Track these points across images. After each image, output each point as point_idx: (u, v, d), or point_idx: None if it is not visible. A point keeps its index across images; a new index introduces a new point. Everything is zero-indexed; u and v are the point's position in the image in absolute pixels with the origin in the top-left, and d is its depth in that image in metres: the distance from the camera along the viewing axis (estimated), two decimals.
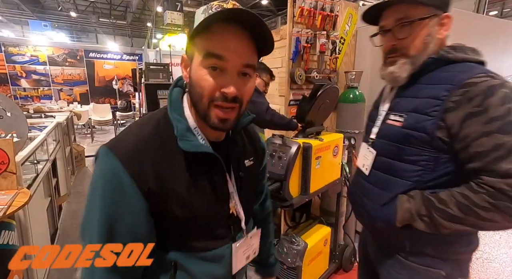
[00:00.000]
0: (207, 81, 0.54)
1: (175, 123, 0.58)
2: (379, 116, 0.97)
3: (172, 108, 0.61)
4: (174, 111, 0.61)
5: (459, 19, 2.49)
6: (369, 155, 0.94)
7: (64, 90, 9.26)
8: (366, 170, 0.95)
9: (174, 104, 0.62)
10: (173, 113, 0.60)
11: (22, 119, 2.94)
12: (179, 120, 0.59)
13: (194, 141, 0.59)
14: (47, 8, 12.20)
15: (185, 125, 0.59)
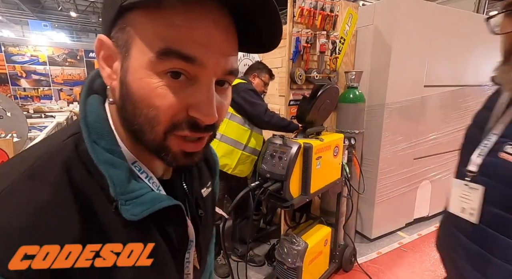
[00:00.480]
0: (164, 99, 0.32)
1: (105, 171, 0.34)
2: (486, 142, 0.63)
3: (95, 136, 0.35)
4: (100, 140, 0.35)
5: (459, 19, 2.50)
6: (472, 194, 0.63)
7: (64, 90, 9.27)
8: (471, 217, 0.62)
9: (97, 129, 0.36)
10: (97, 149, 0.35)
11: (22, 119, 2.93)
12: (113, 163, 0.35)
13: (144, 192, 0.37)
14: (47, 8, 12.20)
15: (125, 169, 0.36)
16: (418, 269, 2.22)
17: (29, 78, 8.79)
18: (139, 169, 0.39)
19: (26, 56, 8.72)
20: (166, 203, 0.38)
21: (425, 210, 2.88)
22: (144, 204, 0.36)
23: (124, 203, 0.34)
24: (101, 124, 0.36)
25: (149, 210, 0.36)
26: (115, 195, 0.34)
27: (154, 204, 0.37)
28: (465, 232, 0.64)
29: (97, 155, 0.34)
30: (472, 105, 2.83)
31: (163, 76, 0.32)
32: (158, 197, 0.38)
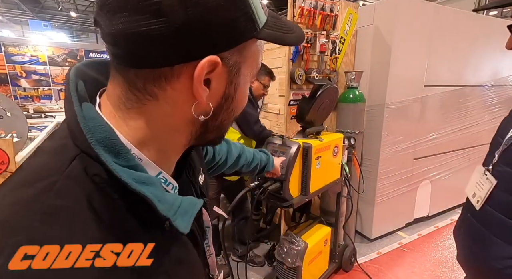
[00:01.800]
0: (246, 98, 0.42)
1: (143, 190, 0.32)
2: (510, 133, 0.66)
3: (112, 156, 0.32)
4: (118, 160, 0.32)
5: (459, 19, 2.50)
6: (484, 184, 0.69)
7: (64, 90, 9.26)
8: (477, 203, 0.70)
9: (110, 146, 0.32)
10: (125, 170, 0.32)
11: (22, 119, 2.93)
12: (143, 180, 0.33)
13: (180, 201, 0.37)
14: (47, 8, 12.20)
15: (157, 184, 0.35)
16: (418, 269, 2.22)
17: (29, 78, 8.79)
18: (165, 180, 0.40)
19: (26, 56, 8.72)
20: (200, 204, 0.40)
21: (425, 210, 2.88)
22: (187, 213, 0.37)
23: (174, 218, 0.34)
24: (113, 141, 0.33)
25: (192, 216, 0.37)
26: (166, 213, 0.33)
27: (193, 209, 0.38)
28: (474, 213, 0.70)
29: (128, 176, 0.31)
30: (472, 105, 2.84)
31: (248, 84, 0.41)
32: (190, 201, 0.39)
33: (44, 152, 0.35)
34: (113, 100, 0.36)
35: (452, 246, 2.50)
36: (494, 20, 2.98)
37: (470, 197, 0.74)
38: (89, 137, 0.31)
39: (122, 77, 0.34)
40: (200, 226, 0.47)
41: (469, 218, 0.73)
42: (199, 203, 0.40)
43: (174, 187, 0.41)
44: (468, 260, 0.74)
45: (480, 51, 2.73)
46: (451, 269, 2.21)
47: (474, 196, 0.72)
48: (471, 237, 0.72)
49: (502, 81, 3.02)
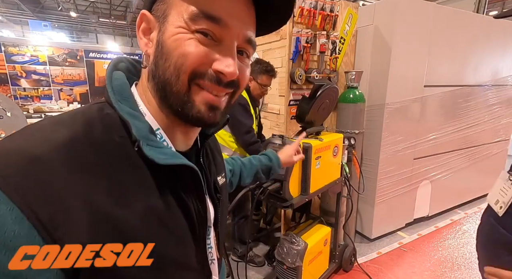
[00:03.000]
0: (193, 48, 0.36)
1: (129, 120, 0.37)
2: None
3: (119, 97, 0.39)
4: (123, 102, 0.39)
5: (459, 19, 2.51)
6: (508, 189, 0.70)
7: (64, 90, 9.26)
8: (500, 209, 0.72)
9: (121, 92, 0.40)
10: (121, 105, 0.38)
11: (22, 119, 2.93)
12: (134, 116, 0.38)
13: (164, 146, 0.40)
14: (47, 8, 12.20)
15: (146, 124, 0.39)
16: (418, 269, 2.22)
17: (29, 78, 8.78)
18: (161, 136, 0.42)
19: (26, 56, 8.71)
20: (185, 161, 0.40)
21: (425, 210, 2.88)
22: (165, 154, 0.38)
23: (146, 144, 0.37)
24: (124, 89, 0.41)
25: (170, 160, 0.38)
26: (137, 135, 0.37)
27: (173, 158, 0.39)
28: (497, 219, 0.72)
29: (121, 108, 0.38)
30: (472, 105, 2.84)
31: (193, 34, 0.37)
32: (177, 154, 0.41)
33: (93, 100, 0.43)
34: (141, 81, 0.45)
35: (452, 246, 2.50)
36: (494, 20, 2.98)
37: (492, 204, 0.75)
38: (107, 84, 0.40)
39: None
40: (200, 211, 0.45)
41: (492, 223, 0.74)
42: (187, 162, 0.40)
43: (169, 146, 0.43)
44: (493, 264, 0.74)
45: (480, 51, 2.73)
46: (451, 269, 2.21)
47: (497, 203, 0.73)
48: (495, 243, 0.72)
49: (502, 81, 3.02)
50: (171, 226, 0.40)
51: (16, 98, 8.57)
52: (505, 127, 3.27)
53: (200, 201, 0.45)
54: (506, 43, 2.92)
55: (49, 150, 0.32)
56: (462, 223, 2.92)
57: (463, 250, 2.44)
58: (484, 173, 3.21)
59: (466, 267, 2.23)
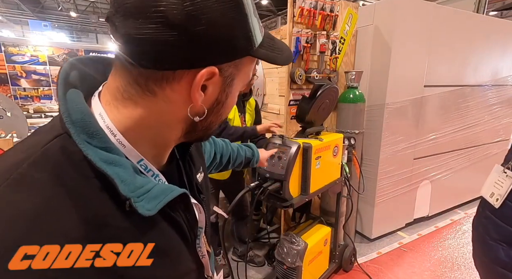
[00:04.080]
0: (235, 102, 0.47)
1: (109, 172, 0.33)
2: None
3: (85, 136, 0.34)
4: (92, 141, 0.34)
5: (459, 19, 2.51)
6: (504, 181, 0.73)
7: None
8: (496, 202, 0.74)
9: (85, 127, 0.34)
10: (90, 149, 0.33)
11: (22, 119, 2.93)
12: (114, 162, 0.34)
13: (152, 186, 0.37)
14: (47, 8, 12.20)
15: (128, 166, 0.36)
16: (418, 269, 2.22)
17: (29, 78, 8.79)
18: (145, 167, 0.41)
19: (26, 56, 8.72)
20: (177, 192, 0.40)
21: (425, 210, 2.88)
22: (156, 198, 0.37)
23: (137, 200, 0.35)
24: (89, 123, 0.35)
25: (162, 202, 0.37)
26: (126, 192, 0.34)
27: (165, 195, 0.38)
28: (493, 211, 0.74)
29: (94, 155, 0.33)
30: (472, 105, 2.84)
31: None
32: (167, 187, 0.40)
33: (39, 131, 0.38)
34: (111, 90, 0.38)
35: (452, 246, 2.50)
36: (494, 20, 2.98)
37: (488, 197, 0.77)
38: (65, 117, 0.34)
39: (125, 72, 0.36)
40: (189, 220, 0.46)
41: (488, 216, 0.76)
42: (176, 191, 0.40)
43: (155, 174, 0.42)
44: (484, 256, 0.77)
45: (480, 51, 2.73)
46: (451, 269, 2.21)
47: (492, 195, 0.75)
48: (489, 233, 0.74)
49: (502, 81, 3.02)
50: (167, 250, 0.40)
51: (16, 98, 8.57)
52: (505, 127, 3.27)
53: (189, 214, 0.46)
54: (506, 43, 2.92)
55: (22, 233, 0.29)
56: (462, 223, 2.92)
57: (463, 250, 2.44)
58: (484, 173, 3.18)
59: (466, 267, 2.23)
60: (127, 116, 0.37)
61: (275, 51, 0.43)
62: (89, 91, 0.40)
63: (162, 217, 0.40)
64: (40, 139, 0.35)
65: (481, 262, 0.81)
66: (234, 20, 0.35)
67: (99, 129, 0.35)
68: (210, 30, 0.33)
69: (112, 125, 0.37)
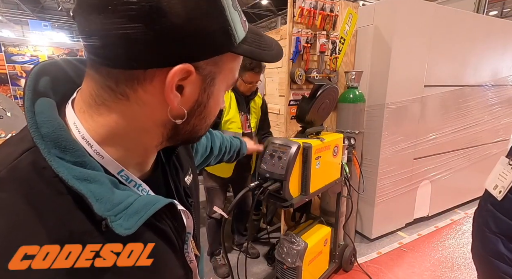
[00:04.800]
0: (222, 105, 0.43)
1: (82, 188, 0.31)
2: None
3: (57, 151, 0.31)
4: (64, 156, 0.32)
5: (459, 19, 2.51)
6: (508, 174, 0.72)
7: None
8: (499, 194, 0.73)
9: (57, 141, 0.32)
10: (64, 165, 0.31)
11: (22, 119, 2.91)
12: (88, 178, 0.32)
13: (132, 200, 0.35)
14: (47, 8, 12.20)
15: (104, 181, 0.33)
16: (418, 269, 2.22)
17: None
18: (126, 178, 0.38)
19: (26, 56, 8.71)
20: (159, 205, 0.37)
21: (425, 210, 2.88)
22: (136, 213, 0.34)
23: (114, 219, 0.32)
24: (61, 136, 0.32)
25: (143, 218, 0.35)
26: (101, 212, 0.31)
27: (147, 210, 0.36)
28: (495, 203, 0.73)
29: (65, 172, 0.31)
30: (472, 105, 2.84)
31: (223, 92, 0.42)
32: (149, 200, 0.37)
33: (9, 142, 0.35)
34: (84, 96, 0.36)
35: (452, 246, 2.50)
36: (494, 20, 2.98)
37: (491, 189, 0.75)
38: (32, 131, 0.31)
39: (95, 74, 0.34)
40: (176, 228, 0.44)
41: (489, 209, 0.75)
42: (160, 203, 0.38)
43: (138, 184, 0.40)
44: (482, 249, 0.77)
45: (480, 51, 2.73)
46: (451, 269, 2.21)
47: (496, 188, 0.74)
48: (489, 226, 0.74)
49: (502, 81, 3.02)
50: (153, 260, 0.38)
51: (16, 98, 8.56)
52: (505, 127, 3.27)
53: (177, 221, 0.44)
54: (506, 43, 2.92)
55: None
56: (462, 223, 2.92)
57: (463, 250, 2.44)
58: (484, 173, 3.20)
59: (466, 267, 2.23)
60: (102, 125, 0.35)
61: (262, 47, 0.39)
62: (64, 98, 0.38)
63: (147, 228, 0.38)
64: (9, 153, 0.32)
65: (478, 255, 0.81)
66: (208, 13, 0.32)
67: (73, 142, 0.33)
68: (180, 23, 0.30)
69: (87, 135, 0.35)
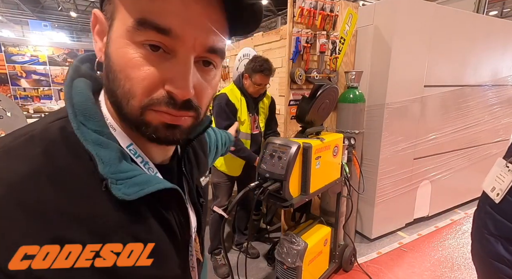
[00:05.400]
0: (139, 70, 0.32)
1: (94, 152, 0.32)
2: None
3: (82, 118, 0.34)
4: (87, 123, 0.34)
5: (459, 19, 2.51)
6: (506, 176, 0.72)
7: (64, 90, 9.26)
8: (496, 197, 0.72)
9: (84, 110, 0.34)
10: (83, 131, 0.33)
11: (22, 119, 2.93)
12: (100, 143, 0.33)
13: (137, 174, 0.35)
14: (47, 8, 12.21)
15: (115, 150, 0.34)
16: (418, 269, 2.22)
17: (29, 78, 8.78)
18: (135, 152, 0.39)
19: (26, 56, 8.71)
20: (162, 185, 0.36)
21: (425, 210, 2.88)
22: (137, 185, 0.34)
23: (115, 182, 0.33)
24: (88, 106, 0.35)
25: (144, 191, 0.34)
26: (104, 173, 0.32)
27: (149, 185, 0.35)
28: (493, 206, 0.72)
29: (83, 135, 0.33)
30: (472, 105, 2.84)
31: (141, 47, 0.32)
32: (153, 178, 0.37)
33: (49, 114, 0.38)
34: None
35: (452, 246, 2.50)
36: (494, 20, 2.98)
37: (489, 191, 0.75)
38: (66, 99, 0.35)
39: None
40: (182, 223, 0.42)
41: (488, 210, 0.75)
42: (163, 184, 0.37)
43: (145, 161, 0.40)
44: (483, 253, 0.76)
45: (480, 51, 2.73)
46: (451, 269, 2.21)
47: (493, 190, 0.73)
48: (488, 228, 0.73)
49: (502, 81, 3.02)
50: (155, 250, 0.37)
51: (16, 98, 8.56)
52: (505, 127, 3.27)
53: (182, 214, 0.42)
54: (506, 43, 2.92)
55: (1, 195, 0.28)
56: (462, 223, 2.92)
57: (463, 250, 2.44)
58: (484, 173, 3.17)
59: (466, 267, 2.23)
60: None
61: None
62: (101, 83, 0.40)
63: (151, 213, 0.37)
64: (47, 119, 0.36)
65: (478, 256, 0.81)
66: None
67: (97, 112, 0.36)
68: None
69: (105, 109, 0.38)
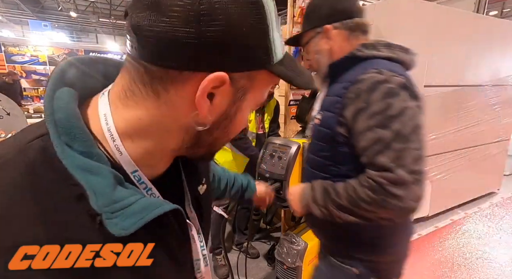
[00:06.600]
0: (246, 122, 0.44)
1: (83, 179, 0.31)
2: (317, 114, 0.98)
3: (66, 138, 0.32)
4: (73, 144, 0.32)
5: (459, 19, 2.50)
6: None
7: None
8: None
9: (67, 127, 0.32)
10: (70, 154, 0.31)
11: (22, 119, 2.93)
12: (91, 169, 0.31)
13: (134, 200, 0.34)
14: (47, 8, 12.22)
15: (107, 175, 0.33)
16: (418, 269, 2.22)
17: (29, 78, 8.78)
18: (138, 178, 0.38)
19: (26, 56, 8.72)
20: (163, 209, 0.35)
21: (425, 210, 2.88)
22: (135, 214, 0.33)
23: (110, 216, 0.31)
24: (73, 123, 0.32)
25: (142, 220, 0.33)
26: (97, 207, 0.30)
27: (147, 213, 0.34)
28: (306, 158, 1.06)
29: (69, 160, 0.31)
30: (472, 105, 2.83)
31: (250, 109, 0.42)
32: (151, 203, 0.35)
33: (28, 128, 0.36)
34: (116, 88, 0.37)
35: (452, 246, 2.50)
36: (494, 20, 2.98)
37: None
38: (46, 115, 0.32)
39: (133, 69, 0.34)
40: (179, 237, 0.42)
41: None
42: (166, 207, 0.36)
43: (148, 188, 0.39)
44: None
45: (480, 51, 2.73)
46: (451, 269, 2.21)
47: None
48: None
49: (502, 81, 3.02)
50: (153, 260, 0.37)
51: None
52: (505, 127, 3.27)
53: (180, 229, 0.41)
54: (506, 43, 2.92)
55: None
56: (462, 223, 2.92)
57: (463, 250, 2.44)
58: (484, 173, 3.21)
59: (466, 267, 2.23)
60: (125, 118, 0.35)
61: (296, 72, 0.41)
62: (91, 92, 0.39)
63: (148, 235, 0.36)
64: (24, 137, 0.33)
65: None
66: (254, 28, 0.33)
67: (84, 131, 0.33)
68: (223, 32, 0.31)
69: (113, 128, 0.35)
